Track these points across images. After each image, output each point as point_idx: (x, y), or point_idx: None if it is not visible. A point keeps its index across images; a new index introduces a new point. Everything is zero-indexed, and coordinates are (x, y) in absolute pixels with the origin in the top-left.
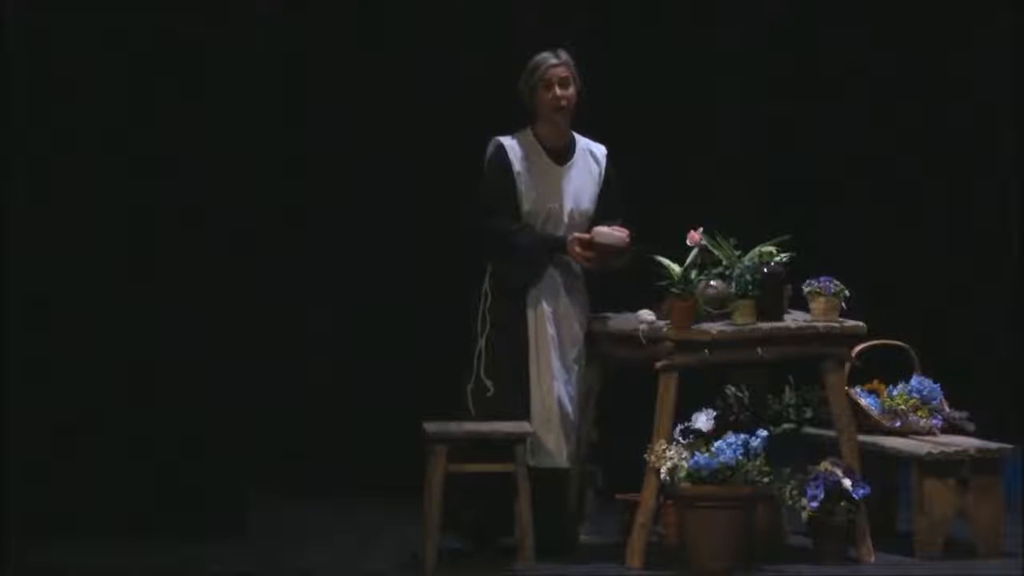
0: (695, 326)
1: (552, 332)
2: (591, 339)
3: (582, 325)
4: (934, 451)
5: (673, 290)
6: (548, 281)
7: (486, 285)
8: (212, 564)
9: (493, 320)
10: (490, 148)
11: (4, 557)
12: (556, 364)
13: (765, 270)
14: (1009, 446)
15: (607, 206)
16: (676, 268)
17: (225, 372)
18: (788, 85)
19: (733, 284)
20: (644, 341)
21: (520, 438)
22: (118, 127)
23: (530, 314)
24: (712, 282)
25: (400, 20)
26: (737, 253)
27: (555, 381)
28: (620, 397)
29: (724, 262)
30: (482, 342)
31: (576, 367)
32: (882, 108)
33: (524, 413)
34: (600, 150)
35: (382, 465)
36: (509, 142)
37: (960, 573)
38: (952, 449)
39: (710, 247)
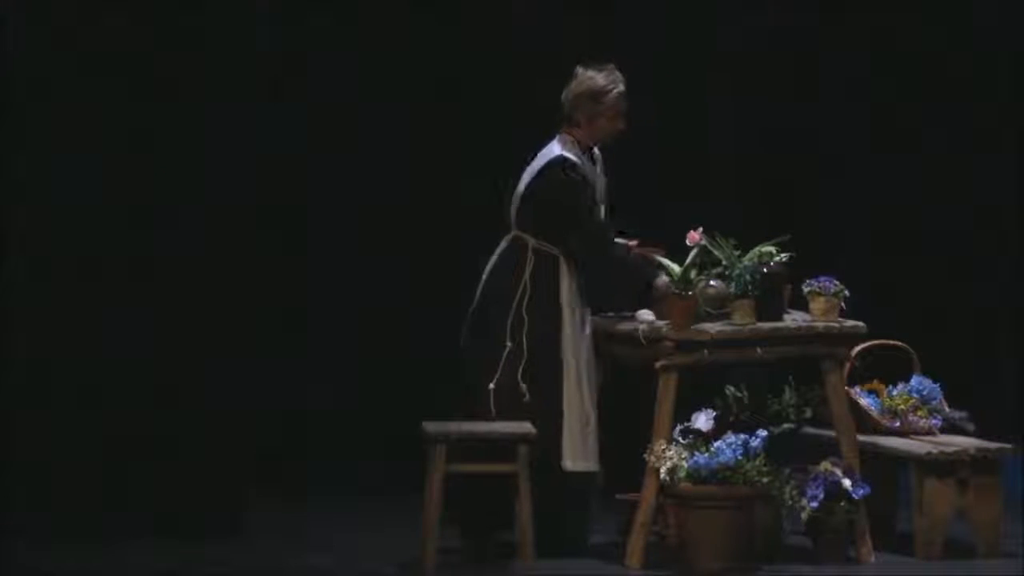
0: (695, 326)
1: (587, 337)
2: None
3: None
4: (934, 451)
5: (673, 290)
6: (580, 290)
7: (525, 280)
8: (212, 564)
9: (530, 320)
10: (567, 165)
11: (5, 557)
12: (588, 367)
13: (765, 270)
14: (1009, 446)
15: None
16: (676, 268)
17: (225, 372)
18: (788, 85)
19: (733, 284)
20: (644, 341)
21: (521, 438)
22: (117, 125)
23: (566, 316)
24: (712, 282)
25: (399, 20)
26: (737, 253)
27: (590, 385)
28: (620, 397)
29: (724, 262)
30: (516, 343)
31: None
32: (882, 108)
33: (557, 418)
34: (597, 152)
35: (382, 465)
36: (574, 157)
37: (960, 573)
38: (952, 449)
39: (710, 247)
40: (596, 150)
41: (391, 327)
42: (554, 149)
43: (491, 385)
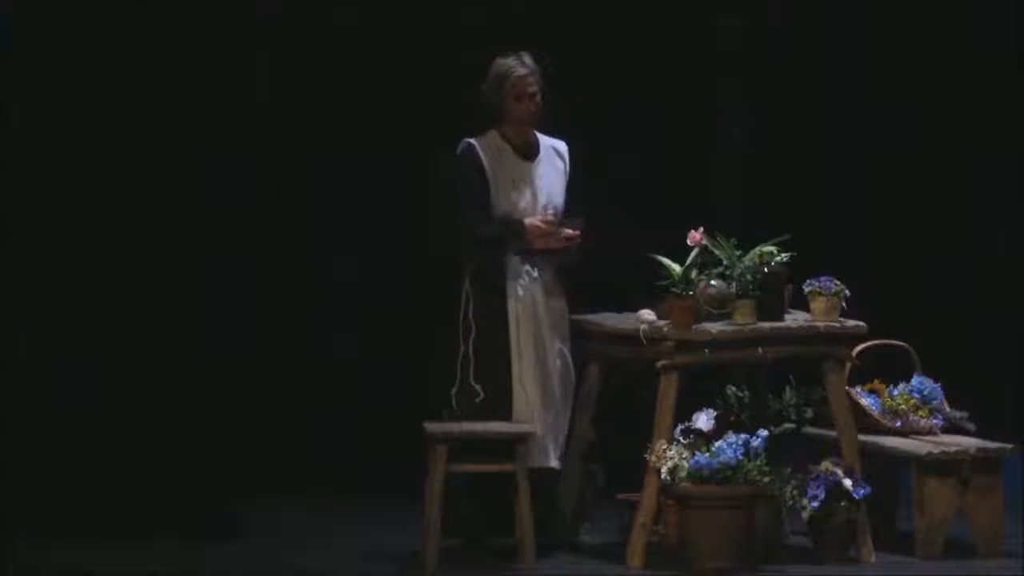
0: (695, 326)
1: (533, 332)
2: (591, 339)
3: (564, 323)
4: (934, 451)
5: (673, 290)
6: (527, 280)
7: (467, 288)
8: (212, 564)
9: (477, 324)
10: (460, 149)
11: (4, 556)
12: (537, 364)
13: (765, 270)
14: (1009, 446)
15: (571, 201)
16: (676, 268)
17: (226, 372)
18: (788, 85)
19: (733, 284)
20: (644, 341)
21: (520, 438)
22: (117, 125)
23: (511, 316)
24: (712, 282)
25: (399, 21)
26: (737, 253)
27: (537, 382)
28: (620, 397)
29: (724, 262)
30: (467, 347)
31: (559, 364)
32: (882, 108)
33: (508, 416)
34: (562, 146)
35: (382, 465)
36: (479, 142)
37: (960, 573)
38: (952, 449)
39: (710, 247)
40: (558, 146)
41: (391, 327)
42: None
43: (453, 390)
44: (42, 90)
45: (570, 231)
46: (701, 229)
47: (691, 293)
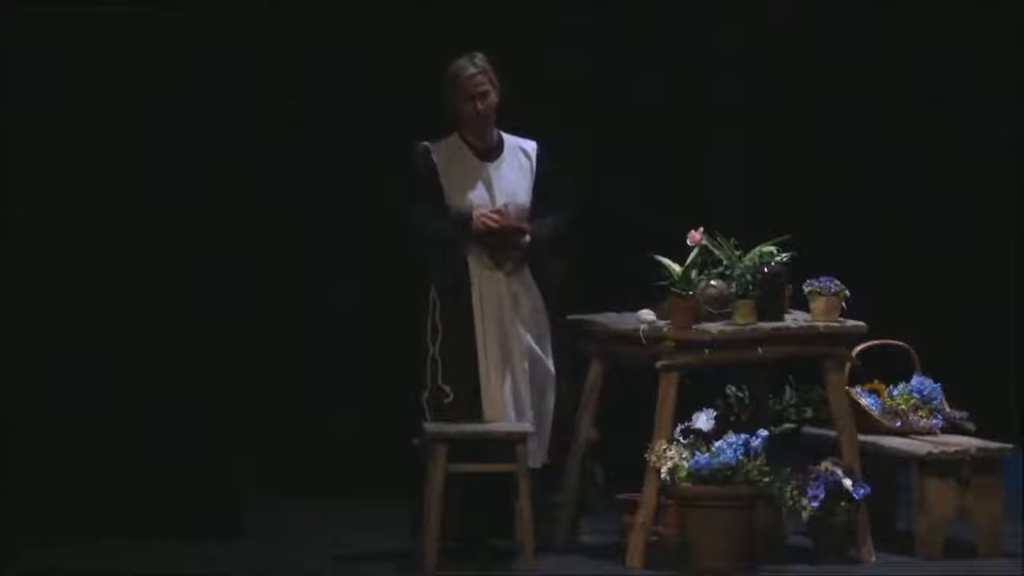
0: (695, 326)
1: (498, 332)
2: (592, 339)
3: (538, 320)
4: (934, 451)
5: (673, 290)
6: (491, 279)
7: (433, 293)
8: (212, 564)
9: (444, 327)
10: (415, 152)
11: (5, 557)
12: (504, 364)
13: (765, 270)
14: (1009, 446)
15: (543, 200)
16: (676, 268)
17: (225, 372)
18: (788, 84)
19: (733, 284)
20: (644, 341)
21: (520, 438)
22: (117, 125)
23: (476, 316)
24: (712, 282)
25: (400, 20)
26: (737, 253)
27: (504, 382)
28: (620, 397)
29: (724, 262)
30: (435, 350)
31: (527, 365)
32: (882, 108)
33: (478, 417)
34: (530, 145)
35: (382, 465)
36: (434, 145)
37: (960, 573)
38: (952, 449)
39: (710, 247)
40: (526, 145)
41: (391, 327)
42: None
43: (425, 394)
44: (41, 88)
45: (524, 225)
46: (701, 229)
47: (691, 293)
